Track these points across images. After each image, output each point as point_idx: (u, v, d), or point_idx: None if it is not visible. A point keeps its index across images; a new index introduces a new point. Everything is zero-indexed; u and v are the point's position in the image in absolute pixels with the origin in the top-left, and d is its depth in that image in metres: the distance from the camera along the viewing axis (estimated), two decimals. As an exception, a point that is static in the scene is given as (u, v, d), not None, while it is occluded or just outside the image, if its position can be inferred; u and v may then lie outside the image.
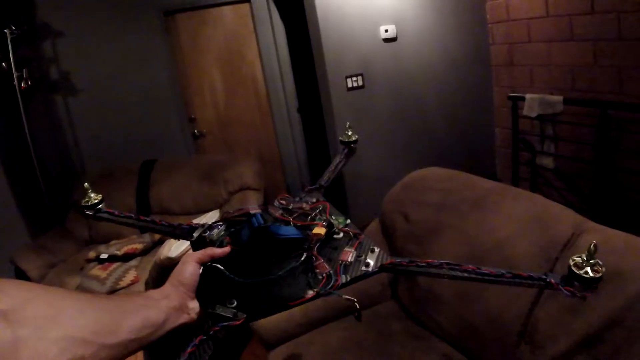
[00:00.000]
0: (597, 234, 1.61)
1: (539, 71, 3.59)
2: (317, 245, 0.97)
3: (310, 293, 0.87)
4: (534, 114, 3.39)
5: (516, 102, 3.55)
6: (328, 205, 1.13)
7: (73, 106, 4.27)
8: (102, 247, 3.44)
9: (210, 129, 4.75)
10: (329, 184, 1.25)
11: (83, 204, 1.09)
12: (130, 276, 3.06)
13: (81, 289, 3.04)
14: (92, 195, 1.10)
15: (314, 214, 1.09)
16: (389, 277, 2.36)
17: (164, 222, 1.10)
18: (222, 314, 0.84)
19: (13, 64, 3.64)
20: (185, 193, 3.66)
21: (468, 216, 1.98)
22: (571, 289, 0.77)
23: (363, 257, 0.96)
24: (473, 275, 0.91)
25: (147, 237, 3.49)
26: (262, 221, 0.97)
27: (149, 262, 3.14)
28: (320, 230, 0.99)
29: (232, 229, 1.04)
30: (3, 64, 3.66)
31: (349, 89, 3.73)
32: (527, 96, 3.41)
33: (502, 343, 1.69)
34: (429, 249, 2.08)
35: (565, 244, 1.61)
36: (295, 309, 0.83)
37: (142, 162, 3.95)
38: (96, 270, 3.17)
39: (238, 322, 0.83)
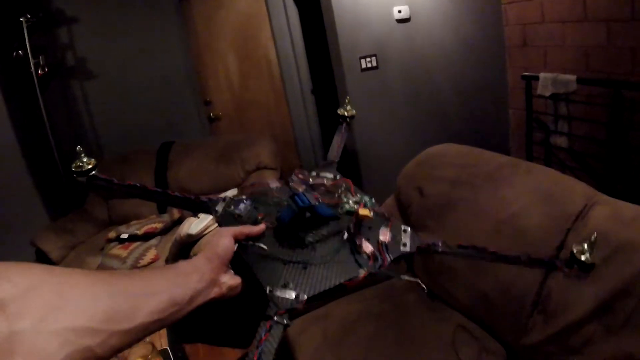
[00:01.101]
0: (608, 205, 1.64)
1: (552, 52, 3.59)
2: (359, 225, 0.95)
3: (363, 272, 0.87)
4: (547, 93, 3.40)
5: (530, 82, 3.56)
6: (351, 183, 1.10)
7: (89, 91, 4.32)
8: (122, 227, 3.51)
9: (226, 112, 4.80)
10: (339, 158, 1.23)
11: (74, 170, 0.96)
12: (151, 255, 3.13)
13: (102, 268, 3.11)
14: (85, 159, 0.96)
15: (339, 191, 1.07)
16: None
17: (177, 194, 1.02)
18: (284, 296, 0.81)
19: (29, 51, 3.69)
20: (203, 173, 3.72)
21: (482, 190, 2.01)
22: (572, 270, 0.94)
23: (398, 237, 0.95)
24: (494, 257, 0.98)
25: (166, 217, 3.55)
26: (307, 201, 0.92)
27: (168, 240, 3.21)
28: (366, 212, 0.94)
29: (267, 205, 1.01)
30: (20, 51, 3.71)
31: (363, 70, 3.74)
32: (541, 75, 3.42)
33: (515, 313, 1.73)
34: (444, 223, 2.12)
35: (577, 216, 1.64)
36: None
37: (161, 144, 4.01)
38: (117, 250, 3.24)
39: (302, 305, 0.81)
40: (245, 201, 1.01)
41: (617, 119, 3.10)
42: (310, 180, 1.10)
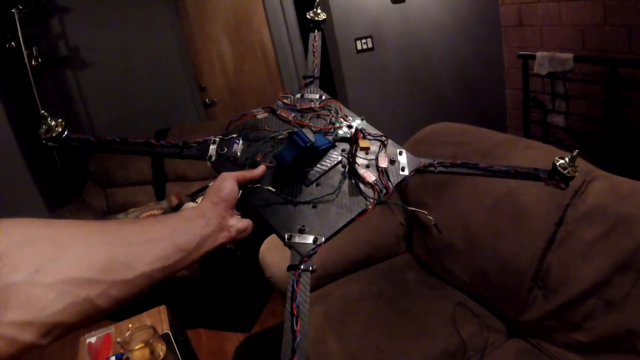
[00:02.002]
0: (606, 180, 1.65)
1: (548, 31, 3.58)
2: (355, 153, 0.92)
3: (371, 203, 0.85)
4: (544, 72, 3.40)
5: (526, 61, 3.55)
6: (339, 104, 1.03)
7: (84, 80, 4.29)
8: (120, 215, 3.51)
9: (221, 97, 4.78)
10: (319, 72, 1.14)
11: (43, 136, 0.90)
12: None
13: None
14: (52, 122, 0.89)
15: (330, 115, 1.00)
16: (404, 230, 2.41)
17: (163, 142, 0.94)
18: (303, 242, 0.79)
19: (22, 42, 3.66)
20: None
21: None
22: (554, 182, 0.96)
23: (396, 160, 0.93)
24: (487, 172, 0.99)
25: (164, 203, 3.55)
26: (307, 139, 0.85)
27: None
28: (366, 143, 0.93)
29: (264, 144, 0.94)
30: (12, 42, 3.68)
31: (359, 52, 3.73)
32: (538, 54, 3.41)
33: (514, 289, 1.74)
34: (442, 200, 2.13)
35: (575, 191, 1.65)
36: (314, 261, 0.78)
37: (156, 131, 3.99)
38: (115, 237, 3.24)
39: (321, 247, 0.79)
40: (237, 140, 0.95)
41: (613, 97, 3.10)
42: (298, 105, 1.02)
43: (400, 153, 0.94)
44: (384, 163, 0.91)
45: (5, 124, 3.79)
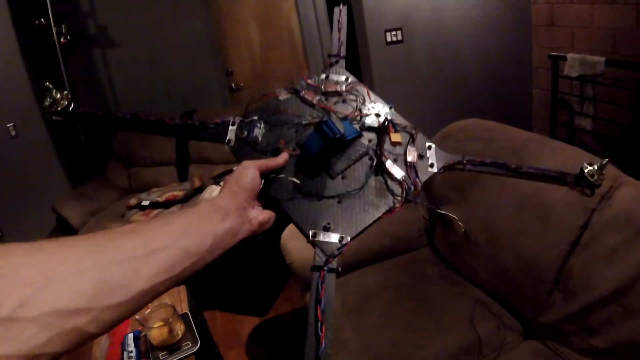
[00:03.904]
0: (633, 187, 1.63)
1: (579, 33, 3.53)
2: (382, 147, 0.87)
3: (399, 202, 0.80)
4: (574, 74, 3.36)
5: (557, 62, 3.51)
6: (367, 88, 0.95)
7: (111, 59, 4.33)
8: (143, 195, 3.54)
9: (247, 83, 4.78)
10: (345, 52, 1.04)
11: (47, 110, 0.83)
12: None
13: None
14: (58, 95, 0.83)
15: (357, 101, 0.93)
16: (426, 224, 2.41)
17: (177, 121, 0.88)
18: (328, 240, 0.75)
19: (52, 19, 3.70)
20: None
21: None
22: (580, 189, 0.91)
23: (424, 155, 0.88)
24: (516, 173, 0.93)
25: (187, 185, 3.58)
26: (338, 131, 0.80)
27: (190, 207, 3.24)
28: (398, 137, 0.88)
29: (294, 136, 0.88)
30: (42, 19, 3.72)
31: (388, 43, 3.71)
32: (569, 55, 3.37)
33: (535, 289, 1.73)
34: (467, 196, 2.12)
35: (602, 196, 1.63)
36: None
37: (182, 113, 4.02)
38: (137, 217, 3.28)
39: (348, 245, 0.75)
40: (258, 124, 0.88)
41: (643, 103, 3.06)
42: (323, 87, 0.95)
43: (429, 147, 0.89)
44: (412, 157, 0.86)
45: (32, 101, 3.85)
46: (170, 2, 4.32)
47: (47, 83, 0.83)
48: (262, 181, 0.78)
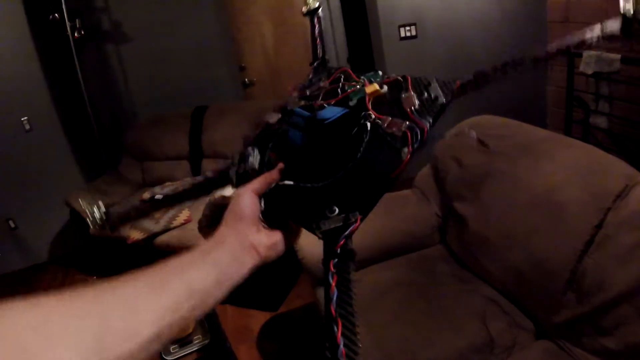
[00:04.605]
0: (650, 186, 1.61)
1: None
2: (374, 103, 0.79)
3: (406, 151, 0.69)
4: (590, 71, 3.32)
5: (572, 59, 3.48)
6: (348, 69, 0.91)
7: (125, 55, 4.34)
8: (156, 188, 3.54)
9: (260, 78, 4.78)
10: (323, 52, 1.05)
11: (93, 222, 0.85)
12: (184, 215, 3.18)
13: (135, 227, 3.17)
14: (95, 210, 0.85)
15: (340, 84, 0.88)
16: (439, 221, 2.40)
17: (186, 187, 0.90)
18: (334, 226, 0.66)
19: (66, 14, 3.71)
20: (237, 137, 3.71)
21: (520, 162, 1.98)
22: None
23: (426, 94, 0.78)
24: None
25: (200, 179, 3.58)
26: (305, 113, 0.77)
27: (202, 202, 3.24)
28: (373, 87, 0.80)
29: (273, 141, 0.84)
30: (56, 14, 3.72)
31: (402, 39, 3.70)
32: (585, 52, 3.34)
33: (548, 289, 1.72)
34: (480, 193, 2.11)
35: (618, 195, 1.61)
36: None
37: (195, 108, 4.03)
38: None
39: (358, 224, 0.65)
40: (252, 151, 0.85)
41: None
42: (308, 91, 0.92)
43: (429, 84, 0.79)
44: (410, 103, 0.77)
45: (46, 95, 3.88)
46: (185, -3, 4.32)
47: (81, 200, 0.82)
48: (263, 201, 0.73)
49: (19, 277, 4.05)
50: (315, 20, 1.06)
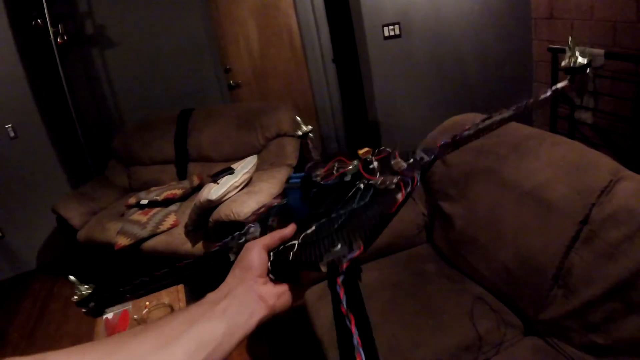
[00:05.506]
0: (633, 181, 1.61)
1: (579, 25, 3.51)
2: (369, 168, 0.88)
3: (400, 195, 0.75)
4: (574, 67, 3.33)
5: (556, 54, 3.49)
6: (342, 157, 0.97)
7: (109, 59, 4.33)
8: (142, 194, 3.55)
9: (246, 80, 4.78)
10: (318, 156, 1.11)
11: (78, 304, 0.86)
12: (170, 220, 3.16)
13: (122, 233, 3.15)
14: (82, 288, 0.86)
15: (335, 167, 0.96)
16: (425, 220, 2.40)
17: (190, 269, 0.88)
18: (338, 255, 0.67)
19: (49, 20, 3.69)
20: (223, 140, 3.72)
21: (506, 160, 1.99)
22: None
23: (412, 159, 0.86)
24: (505, 117, 0.90)
25: (186, 183, 3.58)
26: (300, 174, 0.84)
27: (188, 206, 3.24)
28: (363, 150, 0.89)
29: (275, 207, 0.91)
30: (39, 20, 3.70)
31: (386, 38, 3.70)
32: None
33: (535, 286, 1.72)
34: (466, 192, 2.11)
35: (602, 190, 1.61)
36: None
37: (180, 112, 4.01)
38: (137, 215, 3.28)
39: (361, 250, 0.66)
40: (253, 226, 0.89)
41: (643, 96, 3.04)
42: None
43: (413, 152, 0.88)
44: (400, 165, 0.86)
45: (31, 101, 3.86)
46: (168, 1, 4.30)
47: (71, 277, 0.86)
48: (272, 255, 0.73)
49: (8, 286, 4.01)
50: (309, 141, 1.18)
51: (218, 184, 2.85)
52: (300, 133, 1.17)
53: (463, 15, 3.82)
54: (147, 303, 2.20)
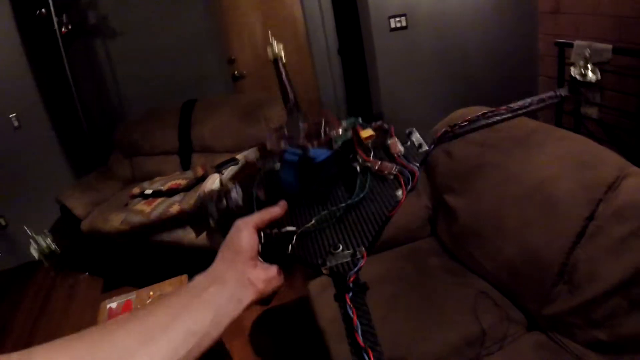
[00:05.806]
0: (640, 177, 1.61)
1: (585, 20, 3.48)
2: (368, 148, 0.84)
3: (401, 193, 0.74)
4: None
5: (563, 49, 3.47)
6: (329, 112, 0.92)
7: (113, 49, 4.31)
8: (146, 184, 3.54)
9: (250, 71, 4.75)
10: (293, 95, 1.00)
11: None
12: (174, 210, 3.16)
13: (126, 223, 3.16)
14: None
15: (322, 127, 0.89)
16: (429, 213, 2.39)
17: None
18: (340, 262, 0.68)
19: (53, 9, 3.68)
20: (226, 131, 3.71)
21: (512, 154, 1.98)
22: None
23: (409, 141, 0.84)
24: (510, 115, 0.89)
25: (189, 174, 3.57)
26: (298, 151, 0.79)
27: (192, 197, 3.23)
28: (368, 132, 0.84)
29: (258, 179, 0.86)
30: (43, 10, 3.69)
31: (392, 30, 3.68)
32: (576, 42, 3.32)
33: (539, 281, 1.71)
34: (470, 186, 2.10)
35: (609, 186, 1.60)
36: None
37: (183, 102, 4.01)
38: (140, 205, 3.28)
39: (365, 259, 0.68)
40: (234, 188, 0.83)
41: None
42: (286, 132, 0.91)
43: (410, 133, 0.85)
44: (397, 148, 0.82)
45: (35, 91, 3.85)
46: (172, -9, 4.29)
47: None
48: (263, 237, 0.71)
49: (11, 276, 4.02)
50: (281, 66, 1.03)
51: (222, 174, 2.84)
52: (270, 56, 1.02)
53: (469, 8, 3.80)
54: (151, 293, 2.20)
